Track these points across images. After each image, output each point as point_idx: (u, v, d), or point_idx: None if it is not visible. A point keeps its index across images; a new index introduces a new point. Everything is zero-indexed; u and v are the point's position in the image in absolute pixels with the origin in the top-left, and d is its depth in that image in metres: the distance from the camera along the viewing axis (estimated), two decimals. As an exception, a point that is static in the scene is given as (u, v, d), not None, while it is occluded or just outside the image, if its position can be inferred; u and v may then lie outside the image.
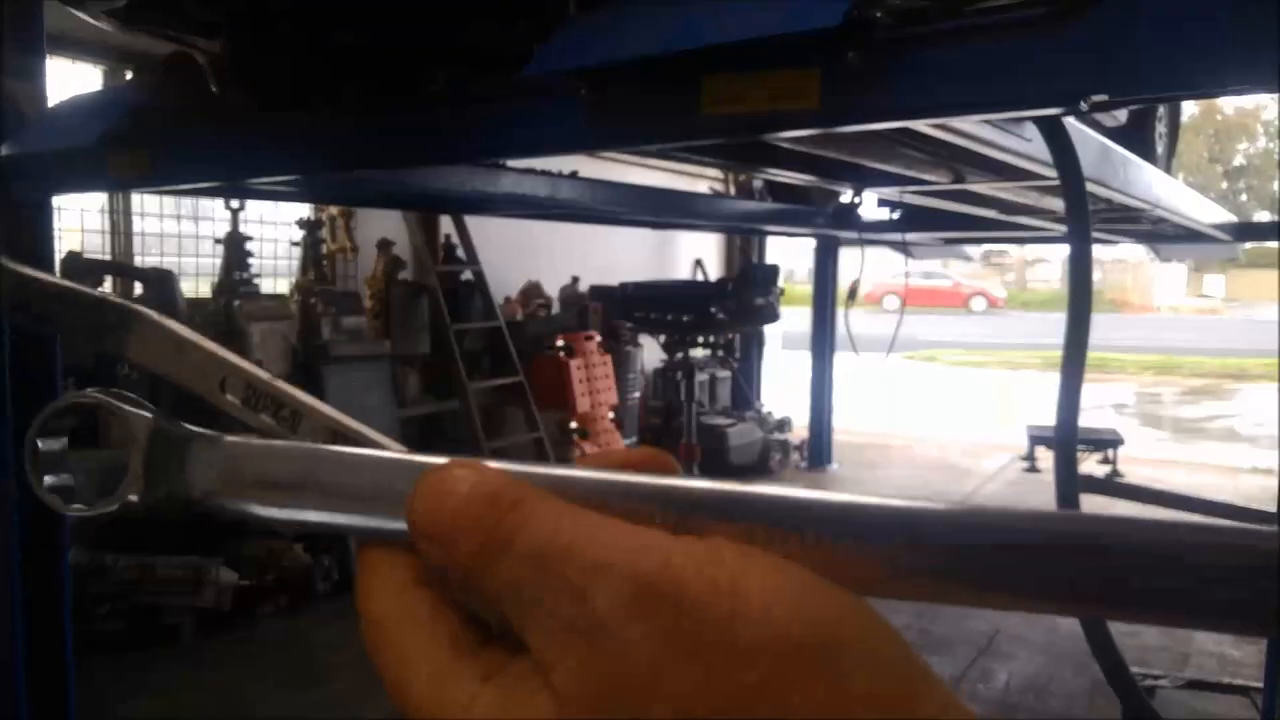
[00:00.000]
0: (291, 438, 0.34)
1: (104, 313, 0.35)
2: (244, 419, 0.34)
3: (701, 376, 6.96)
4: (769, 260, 7.94)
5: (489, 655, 0.27)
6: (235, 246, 4.51)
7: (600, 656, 0.25)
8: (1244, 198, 37.75)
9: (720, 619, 0.24)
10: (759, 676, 0.24)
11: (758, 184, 5.55)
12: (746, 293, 5.14)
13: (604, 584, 0.25)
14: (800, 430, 7.24)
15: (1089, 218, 1.61)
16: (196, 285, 4.82)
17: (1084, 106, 1.15)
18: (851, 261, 5.36)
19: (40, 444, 0.35)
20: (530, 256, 6.40)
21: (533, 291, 6.31)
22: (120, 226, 4.59)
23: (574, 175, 3.53)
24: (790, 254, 12.01)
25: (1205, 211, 4.25)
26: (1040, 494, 6.00)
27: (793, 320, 7.61)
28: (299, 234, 5.07)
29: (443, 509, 0.27)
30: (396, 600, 0.29)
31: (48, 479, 0.34)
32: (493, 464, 0.29)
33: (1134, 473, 6.33)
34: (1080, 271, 1.61)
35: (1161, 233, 4.57)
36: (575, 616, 0.25)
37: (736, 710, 0.24)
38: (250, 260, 4.56)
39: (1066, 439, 1.66)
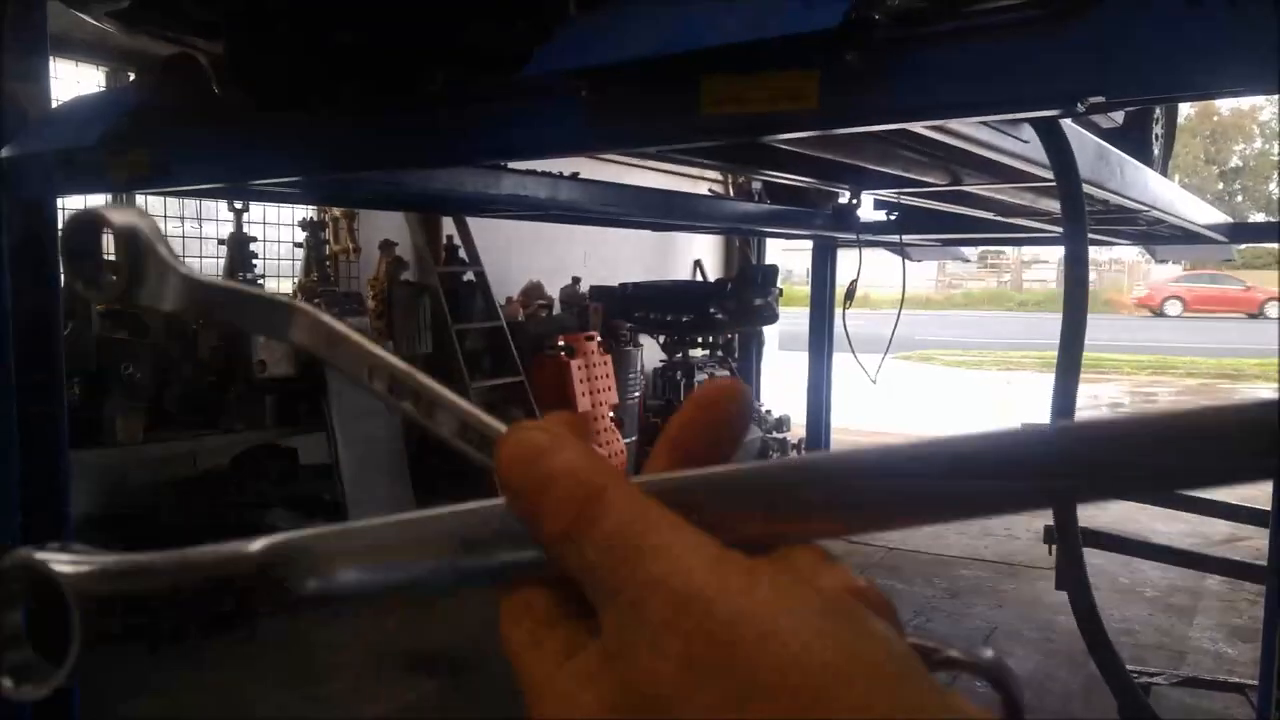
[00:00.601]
0: (428, 424, 0.37)
1: (268, 308, 0.40)
2: (389, 405, 0.38)
3: (701, 376, 6.96)
4: (768, 260, 7.95)
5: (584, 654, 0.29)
6: (239, 247, 4.52)
7: (644, 665, 0.26)
8: (1240, 199, 37.80)
9: (748, 642, 0.25)
10: (780, 698, 0.25)
11: (756, 186, 5.55)
12: (745, 293, 5.15)
13: (655, 599, 0.27)
14: (799, 429, 7.25)
15: (1085, 219, 1.62)
16: (200, 286, 4.83)
17: (1080, 108, 1.16)
18: (850, 262, 5.37)
19: None
20: (531, 257, 6.40)
21: (534, 292, 6.31)
22: (124, 227, 4.59)
23: (575, 177, 3.53)
24: (789, 254, 12.01)
25: (1201, 213, 4.26)
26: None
27: (792, 320, 7.61)
28: (302, 235, 5.08)
29: (534, 477, 0.30)
30: (529, 635, 0.31)
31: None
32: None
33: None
34: (1076, 272, 1.62)
35: (1157, 234, 4.57)
36: (634, 623, 0.27)
37: None
38: (254, 261, 4.57)
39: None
